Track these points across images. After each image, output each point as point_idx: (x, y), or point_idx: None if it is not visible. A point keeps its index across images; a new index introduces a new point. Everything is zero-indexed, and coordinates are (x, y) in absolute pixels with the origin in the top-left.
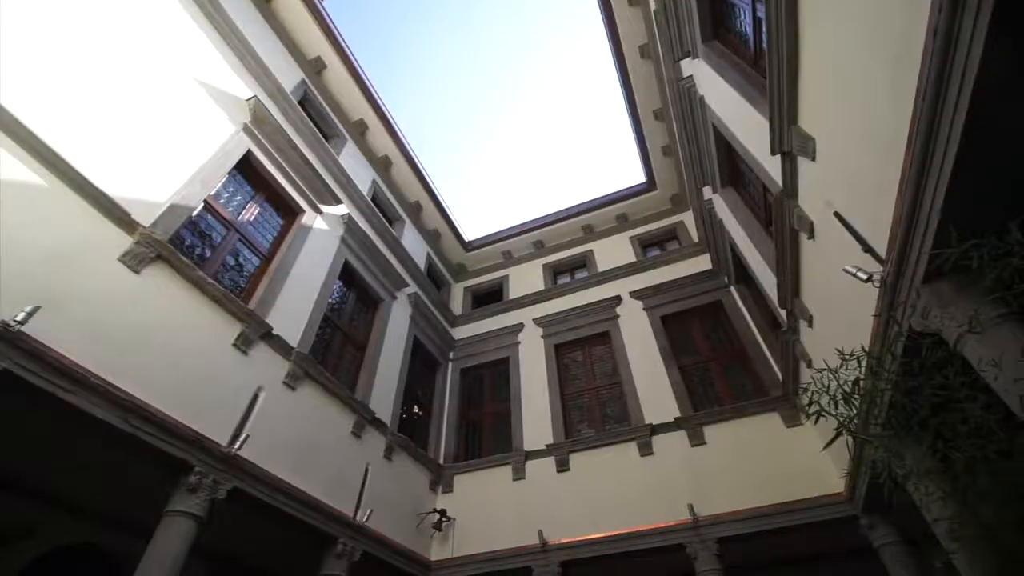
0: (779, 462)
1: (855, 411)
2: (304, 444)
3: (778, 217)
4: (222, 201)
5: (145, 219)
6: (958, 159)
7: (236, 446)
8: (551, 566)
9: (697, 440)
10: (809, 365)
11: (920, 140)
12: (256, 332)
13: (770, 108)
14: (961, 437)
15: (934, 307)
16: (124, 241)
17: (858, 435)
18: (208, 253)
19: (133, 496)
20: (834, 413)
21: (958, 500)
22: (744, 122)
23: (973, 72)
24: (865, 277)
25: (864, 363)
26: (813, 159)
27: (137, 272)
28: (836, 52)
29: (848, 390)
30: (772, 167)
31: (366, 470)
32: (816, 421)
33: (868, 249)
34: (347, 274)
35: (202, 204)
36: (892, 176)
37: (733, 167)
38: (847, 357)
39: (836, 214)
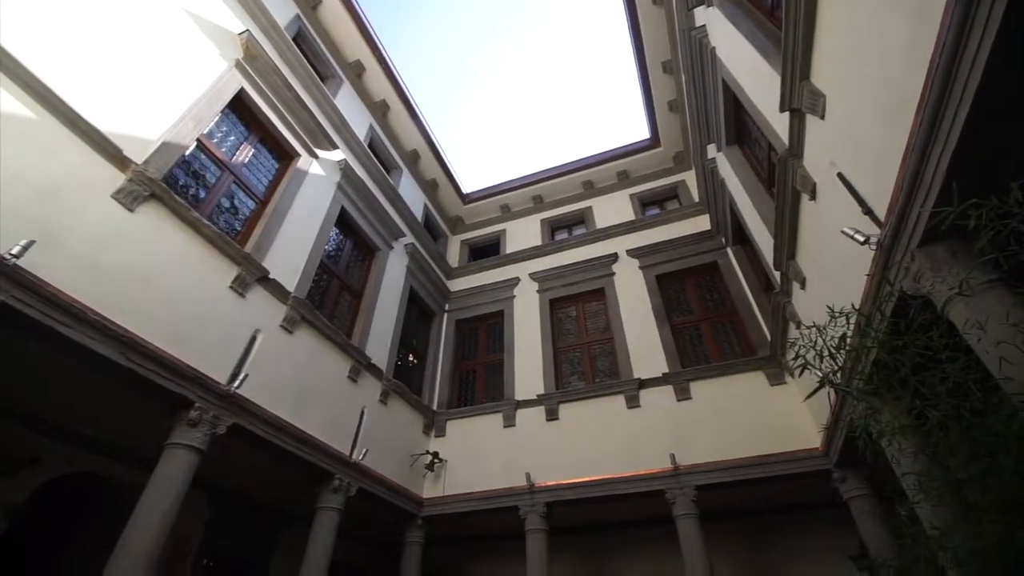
0: (761, 418)
1: (839, 365)
2: (302, 386)
3: (781, 177)
4: (215, 141)
5: (137, 156)
6: (970, 117)
7: (235, 384)
8: (537, 506)
9: (683, 395)
10: (798, 327)
11: (934, 93)
12: (253, 276)
13: (783, 61)
14: (939, 395)
15: (927, 271)
16: (117, 178)
17: (840, 387)
18: (203, 194)
19: (135, 429)
20: (818, 367)
21: (928, 455)
22: (755, 77)
23: (996, 25)
24: (862, 240)
25: (853, 320)
26: (822, 117)
27: (131, 210)
28: (855, 5)
29: (835, 345)
30: (780, 125)
31: (362, 413)
32: (800, 374)
33: (868, 211)
34: (344, 222)
35: (195, 143)
36: (900, 138)
37: (740, 124)
38: (837, 314)
39: (840, 175)
